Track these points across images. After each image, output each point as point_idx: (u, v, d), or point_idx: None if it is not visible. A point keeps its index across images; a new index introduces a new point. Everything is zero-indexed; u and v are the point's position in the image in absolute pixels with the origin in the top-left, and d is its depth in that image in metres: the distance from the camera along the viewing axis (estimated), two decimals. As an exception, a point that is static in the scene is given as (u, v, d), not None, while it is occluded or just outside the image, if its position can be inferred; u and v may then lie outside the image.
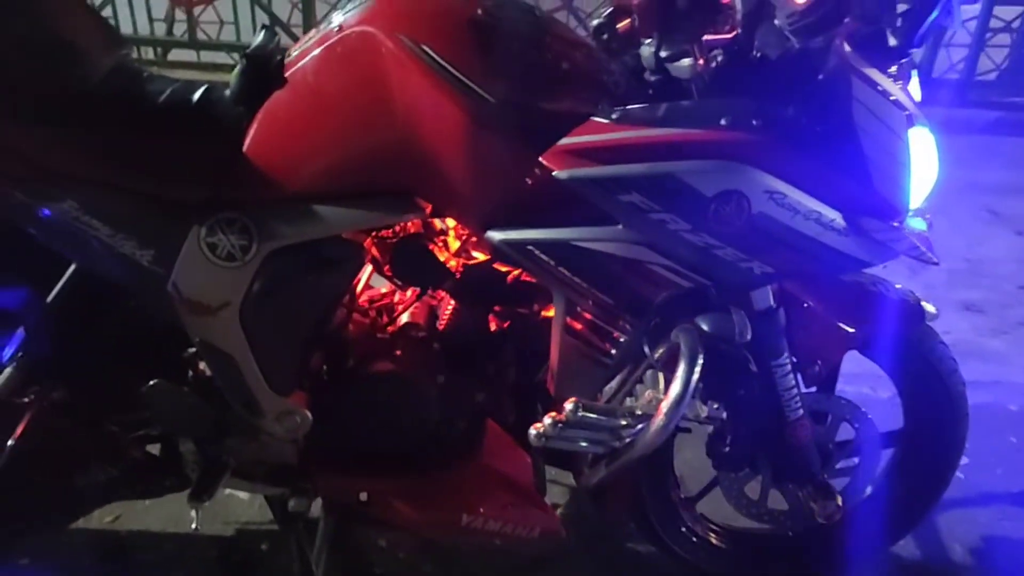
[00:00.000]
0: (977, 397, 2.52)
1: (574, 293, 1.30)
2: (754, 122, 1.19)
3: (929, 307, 1.57)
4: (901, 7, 1.30)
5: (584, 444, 1.29)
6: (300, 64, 1.29)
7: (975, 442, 2.30)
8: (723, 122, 1.18)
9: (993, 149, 4.57)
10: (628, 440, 1.28)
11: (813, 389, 1.60)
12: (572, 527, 1.89)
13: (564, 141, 1.21)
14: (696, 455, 1.67)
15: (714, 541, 1.78)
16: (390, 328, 1.52)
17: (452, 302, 1.52)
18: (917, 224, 1.36)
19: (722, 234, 1.21)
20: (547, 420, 1.25)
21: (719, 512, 1.78)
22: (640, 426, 1.27)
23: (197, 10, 5.14)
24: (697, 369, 1.21)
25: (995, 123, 4.67)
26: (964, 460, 2.24)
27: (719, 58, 1.24)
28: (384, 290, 1.60)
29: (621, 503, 1.69)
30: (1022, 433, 2.36)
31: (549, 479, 1.75)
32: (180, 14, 5.17)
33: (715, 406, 1.32)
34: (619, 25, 1.16)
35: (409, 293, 1.55)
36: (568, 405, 1.24)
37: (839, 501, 1.54)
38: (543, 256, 1.27)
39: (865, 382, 2.53)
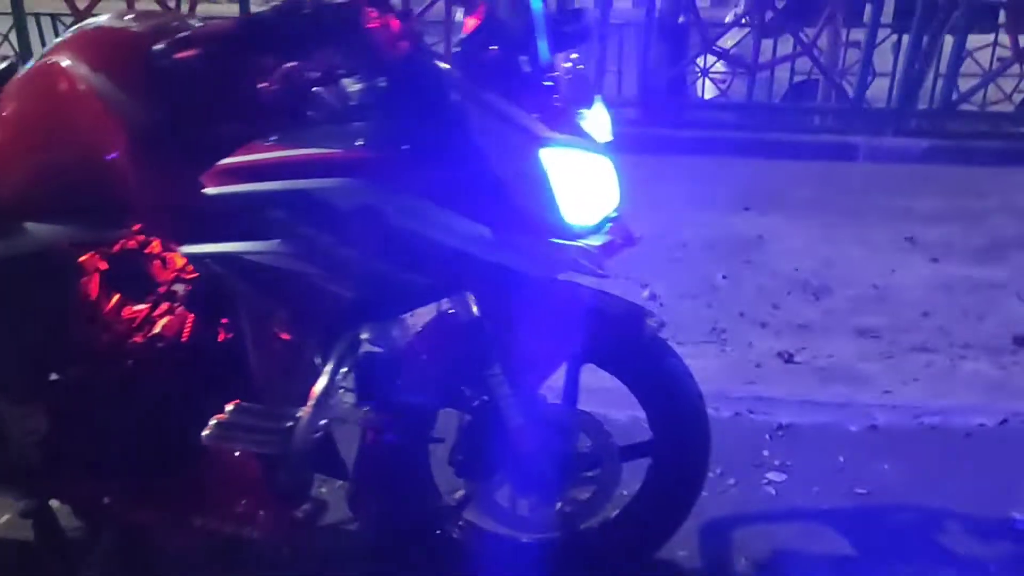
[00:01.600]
0: (819, 417, 2.58)
1: (255, 304, 1.39)
2: (398, 144, 1.28)
3: (651, 321, 1.63)
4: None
5: (252, 444, 1.38)
6: (5, 91, 1.41)
7: (800, 459, 2.36)
8: (358, 143, 1.28)
9: (923, 177, 4.60)
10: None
11: (558, 401, 1.68)
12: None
13: (225, 161, 1.31)
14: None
15: (482, 548, 1.84)
16: (137, 338, 1.61)
17: (190, 315, 1.61)
18: (594, 240, 1.42)
19: (367, 248, 1.30)
20: (212, 421, 1.34)
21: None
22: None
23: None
24: (342, 372, 1.30)
25: (928, 151, 4.69)
26: (781, 477, 2.30)
27: (381, 83, 1.33)
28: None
29: (375, 512, 1.75)
30: (852, 454, 2.37)
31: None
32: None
33: (366, 409, 1.39)
34: (180, 55, 1.25)
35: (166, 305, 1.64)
36: (228, 407, 1.33)
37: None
38: (220, 269, 1.36)
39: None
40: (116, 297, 1.55)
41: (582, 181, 1.36)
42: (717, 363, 3.03)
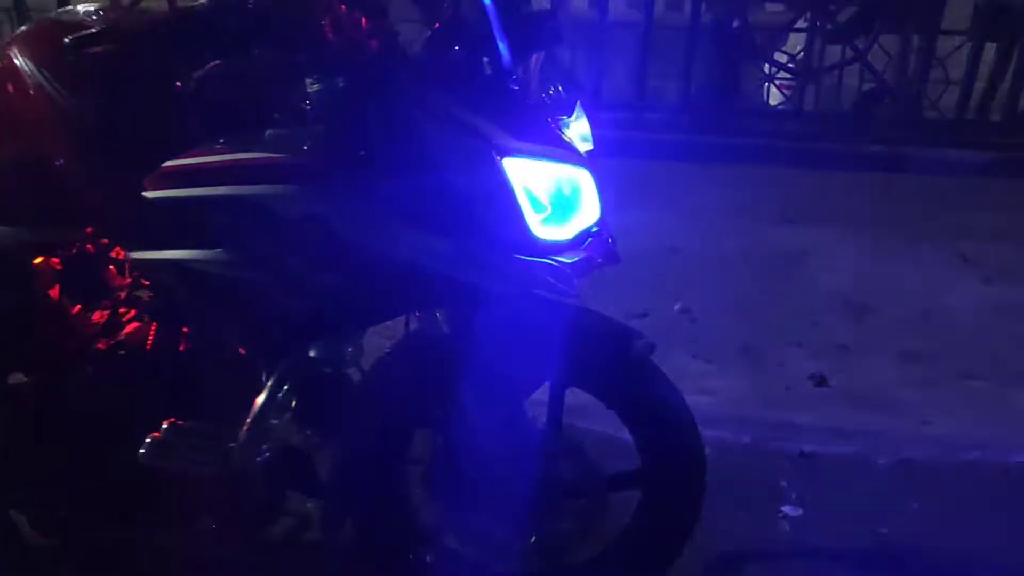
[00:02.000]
0: (846, 447, 2.42)
1: (202, 315, 1.32)
2: (353, 151, 1.19)
3: (640, 343, 1.51)
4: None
5: (190, 464, 1.30)
6: None
7: (820, 493, 2.21)
8: (310, 147, 1.19)
9: (981, 191, 4.36)
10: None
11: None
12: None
13: (171, 163, 1.24)
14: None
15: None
16: (100, 345, 1.55)
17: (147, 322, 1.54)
18: (567, 258, 1.31)
19: (314, 260, 1.21)
20: (147, 440, 1.27)
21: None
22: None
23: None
24: (283, 390, 1.21)
25: (989, 164, 4.45)
26: (797, 511, 2.15)
27: (339, 84, 1.24)
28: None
29: (348, 534, 1.67)
30: (877, 489, 2.21)
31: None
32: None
33: (308, 432, 1.30)
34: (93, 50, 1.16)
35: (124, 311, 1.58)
36: (164, 425, 1.26)
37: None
38: (165, 276, 1.29)
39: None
40: (72, 301, 1.49)
41: (551, 193, 1.25)
42: (744, 384, 2.88)
